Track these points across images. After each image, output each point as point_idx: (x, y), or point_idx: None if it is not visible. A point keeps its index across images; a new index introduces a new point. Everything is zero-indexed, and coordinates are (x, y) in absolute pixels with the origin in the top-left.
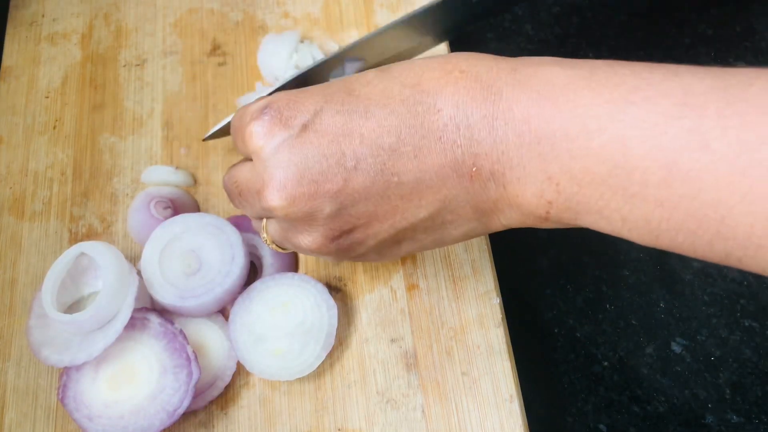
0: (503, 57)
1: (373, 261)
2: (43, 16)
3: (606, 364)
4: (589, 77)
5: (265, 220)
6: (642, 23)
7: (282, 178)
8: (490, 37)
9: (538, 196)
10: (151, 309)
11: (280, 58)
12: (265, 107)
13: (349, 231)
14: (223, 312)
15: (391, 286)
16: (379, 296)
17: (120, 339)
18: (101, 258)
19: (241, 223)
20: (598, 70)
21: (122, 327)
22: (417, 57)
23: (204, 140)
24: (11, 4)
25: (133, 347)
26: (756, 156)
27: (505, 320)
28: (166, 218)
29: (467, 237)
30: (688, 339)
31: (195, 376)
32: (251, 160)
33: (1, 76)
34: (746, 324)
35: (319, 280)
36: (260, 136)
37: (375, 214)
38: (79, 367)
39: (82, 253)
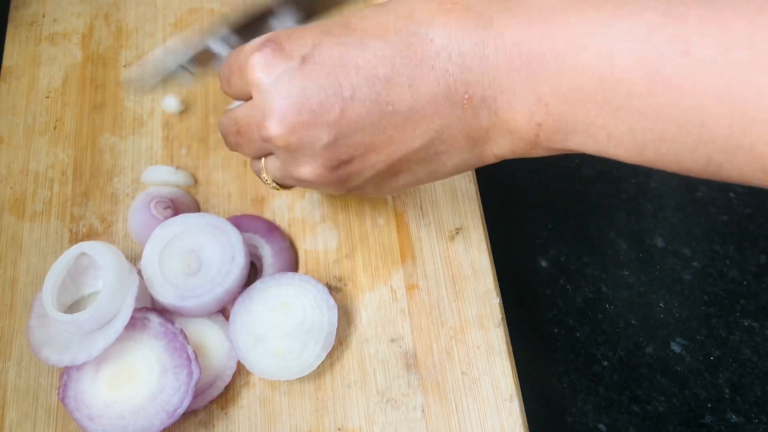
0: None
1: (372, 195)
2: (43, 16)
3: (606, 364)
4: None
5: (264, 159)
6: None
7: (282, 107)
8: None
9: (528, 118)
10: (151, 309)
11: None
12: (266, 41)
13: (347, 161)
14: (223, 312)
15: (391, 286)
16: (379, 296)
17: (120, 339)
18: (101, 258)
19: (241, 223)
20: None
21: (122, 327)
22: None
23: (124, 82)
24: (12, 4)
25: (134, 347)
26: (733, 56)
27: (505, 320)
28: (167, 218)
29: (461, 169)
30: (687, 339)
31: (195, 375)
32: (249, 97)
33: (1, 77)
34: (746, 324)
35: (320, 280)
36: (261, 67)
37: (371, 144)
38: (79, 367)
39: (83, 253)
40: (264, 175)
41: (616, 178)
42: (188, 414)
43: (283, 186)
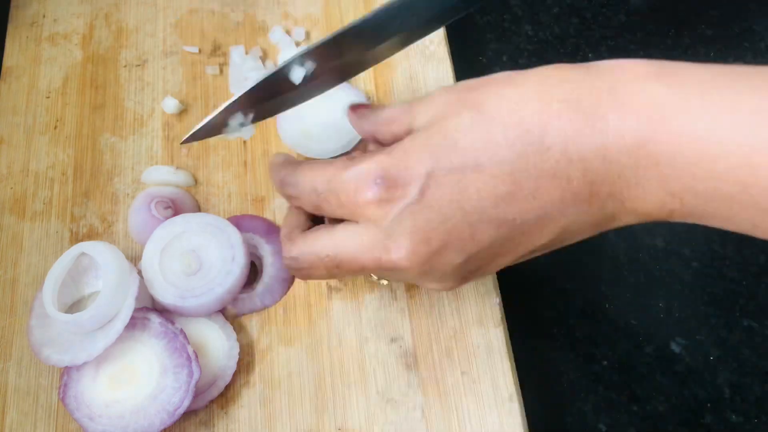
0: (593, 68)
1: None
2: (43, 16)
3: (605, 363)
4: (700, 95)
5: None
6: (642, 23)
7: (410, 243)
8: (490, 38)
9: (659, 207)
10: (151, 309)
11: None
12: (377, 177)
13: (474, 271)
14: (223, 312)
15: (391, 286)
16: (379, 296)
17: (120, 339)
18: (102, 258)
19: (241, 223)
20: (707, 84)
21: (123, 327)
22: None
23: (182, 143)
24: (12, 4)
25: (134, 347)
26: None
27: (505, 320)
28: (167, 218)
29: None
30: (687, 339)
31: (195, 375)
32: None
33: (1, 77)
34: (746, 324)
35: (320, 280)
36: (377, 205)
37: (500, 252)
38: (79, 367)
39: (83, 253)
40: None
41: None
42: (188, 414)
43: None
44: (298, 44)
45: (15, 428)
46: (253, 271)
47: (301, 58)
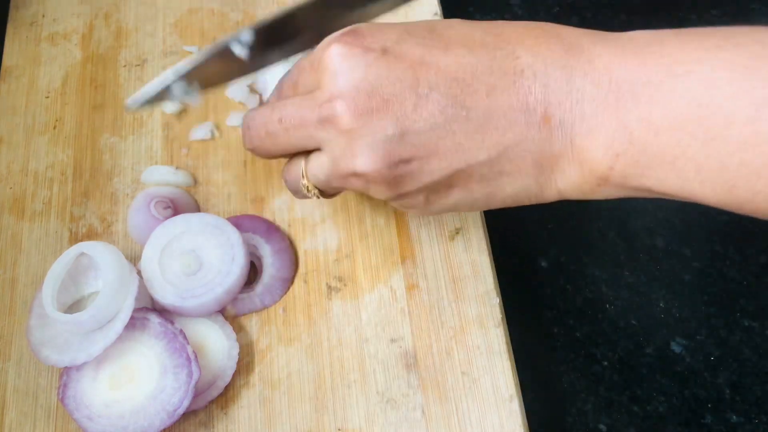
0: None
1: (418, 209)
2: (43, 16)
3: (606, 364)
4: (675, 33)
5: (304, 162)
6: (642, 23)
7: (354, 89)
8: None
9: (606, 146)
10: (151, 309)
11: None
12: (347, 31)
13: (407, 160)
14: (223, 312)
15: (391, 286)
16: (379, 296)
17: (120, 339)
18: (101, 258)
19: (241, 223)
20: (684, 30)
21: (122, 327)
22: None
23: (129, 110)
24: (11, 4)
25: (134, 347)
26: None
27: (505, 320)
28: (166, 218)
29: (518, 199)
30: (687, 339)
31: (195, 376)
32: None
33: (1, 76)
34: (746, 324)
35: (320, 280)
36: (339, 56)
37: (436, 147)
38: (79, 367)
39: (82, 253)
40: (304, 181)
41: None
42: (188, 414)
43: (324, 193)
44: None
45: (14, 428)
46: (253, 271)
47: (244, 33)
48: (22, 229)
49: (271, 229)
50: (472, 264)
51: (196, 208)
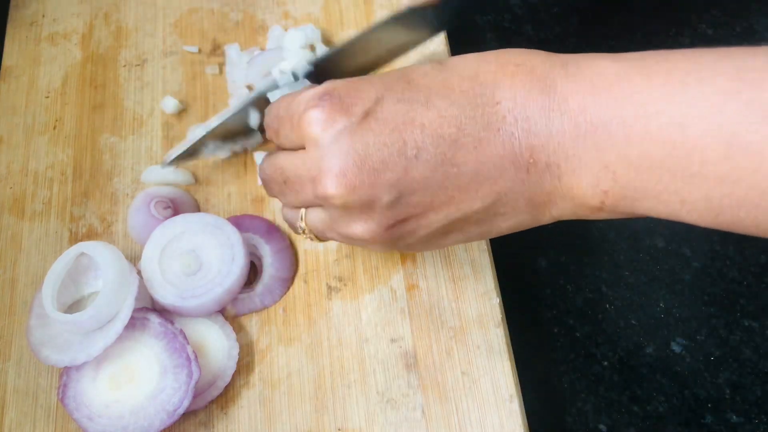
0: (553, 53)
1: (417, 251)
2: (43, 16)
3: (606, 364)
4: (641, 66)
5: (304, 210)
6: (642, 23)
7: (343, 165)
8: (490, 38)
9: (593, 185)
10: (151, 309)
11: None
12: (324, 94)
13: (404, 220)
14: (223, 312)
15: (391, 286)
16: (379, 296)
17: (120, 339)
18: (101, 258)
19: (241, 223)
20: (649, 59)
21: (122, 327)
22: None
23: (165, 166)
24: (11, 4)
25: (133, 347)
26: None
27: (505, 320)
28: (166, 218)
29: (513, 230)
30: (688, 339)
31: (195, 376)
32: (301, 149)
33: (1, 76)
34: (746, 324)
35: (320, 280)
36: (319, 122)
37: (431, 204)
38: (79, 367)
39: (82, 253)
40: (302, 224)
41: None
42: (188, 414)
43: (320, 239)
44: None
45: (14, 428)
46: (253, 271)
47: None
48: (22, 229)
49: (271, 229)
50: (472, 264)
51: (196, 208)
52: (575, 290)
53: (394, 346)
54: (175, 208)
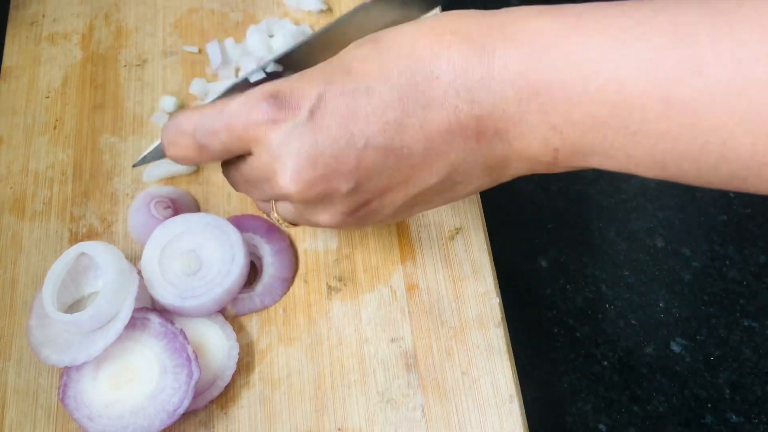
0: (489, 11)
1: (386, 223)
2: (43, 16)
3: (606, 364)
4: (577, 23)
5: (273, 201)
6: None
7: (296, 165)
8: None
9: (544, 145)
10: (151, 309)
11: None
12: (266, 95)
13: (366, 203)
14: (223, 312)
15: (390, 286)
16: (379, 296)
17: (120, 339)
18: (101, 258)
19: (241, 223)
20: (585, 14)
21: (122, 327)
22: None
23: (134, 166)
24: (11, 4)
25: (134, 347)
26: (751, 74)
27: (505, 320)
28: (167, 218)
29: (478, 191)
30: (687, 339)
31: (195, 375)
32: (248, 154)
33: (1, 76)
34: (746, 324)
35: (319, 280)
36: (265, 125)
37: (389, 185)
38: (79, 367)
39: (83, 253)
40: (274, 215)
41: (616, 178)
42: (188, 414)
43: (294, 224)
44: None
45: (14, 428)
46: (253, 271)
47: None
48: (23, 229)
49: (271, 229)
50: (472, 264)
51: (196, 208)
52: (575, 290)
53: (394, 346)
54: (175, 208)
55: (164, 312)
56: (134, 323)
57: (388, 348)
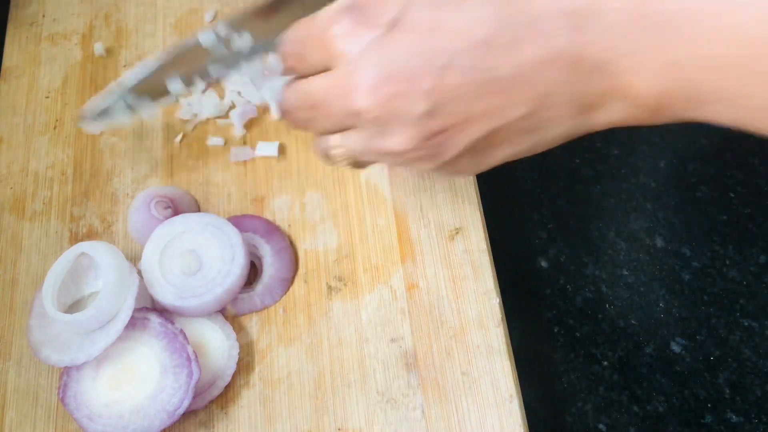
0: None
1: (467, 171)
2: (43, 16)
3: (606, 364)
4: None
5: (339, 135)
6: None
7: (373, 78)
8: None
9: (652, 84)
10: (151, 309)
11: None
12: (346, 8)
13: (442, 131)
14: (223, 312)
15: (390, 286)
16: (379, 296)
17: (120, 339)
18: (101, 258)
19: (241, 223)
20: None
21: (123, 327)
22: None
23: (80, 123)
24: (11, 4)
25: (134, 347)
26: None
27: (505, 320)
28: (167, 218)
29: (565, 139)
30: (687, 339)
31: (195, 375)
32: (325, 71)
33: (1, 76)
34: (746, 324)
35: (319, 280)
36: (345, 38)
37: (469, 113)
38: (79, 367)
39: (83, 253)
40: (338, 151)
41: (616, 178)
42: (188, 414)
43: (358, 165)
44: None
45: (14, 428)
46: (253, 271)
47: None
48: (23, 229)
49: (271, 229)
50: (472, 264)
51: (196, 208)
52: (575, 290)
53: (393, 346)
54: (175, 208)
55: (164, 312)
56: (134, 323)
57: (388, 348)
